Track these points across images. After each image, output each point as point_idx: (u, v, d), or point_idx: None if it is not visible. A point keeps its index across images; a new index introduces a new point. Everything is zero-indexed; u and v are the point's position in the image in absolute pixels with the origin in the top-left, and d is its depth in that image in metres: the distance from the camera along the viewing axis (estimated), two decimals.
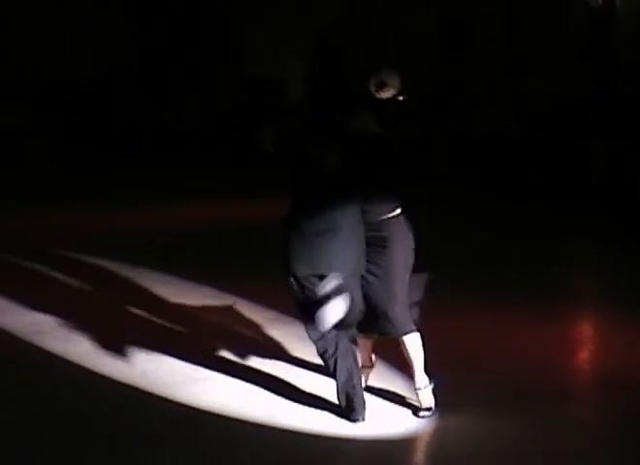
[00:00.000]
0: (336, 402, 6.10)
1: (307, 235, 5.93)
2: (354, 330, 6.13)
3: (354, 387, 6.04)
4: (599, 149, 14.99)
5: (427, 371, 6.18)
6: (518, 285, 9.38)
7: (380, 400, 6.36)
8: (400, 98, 6.73)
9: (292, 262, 5.98)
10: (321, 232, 5.92)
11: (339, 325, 5.93)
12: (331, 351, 6.03)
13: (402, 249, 6.11)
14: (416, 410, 6.18)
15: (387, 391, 6.50)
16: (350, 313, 5.94)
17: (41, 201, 13.64)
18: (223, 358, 7.15)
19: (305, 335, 6.11)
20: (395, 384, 6.63)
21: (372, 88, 6.64)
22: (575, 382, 6.98)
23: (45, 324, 7.93)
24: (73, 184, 15.53)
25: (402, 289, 6.08)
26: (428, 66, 16.95)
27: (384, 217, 6.12)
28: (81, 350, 7.35)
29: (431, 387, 6.18)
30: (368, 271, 6.08)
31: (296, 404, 6.31)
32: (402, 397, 6.40)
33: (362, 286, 6.08)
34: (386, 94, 6.81)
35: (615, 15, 15.72)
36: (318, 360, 6.29)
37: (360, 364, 6.23)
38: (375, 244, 6.08)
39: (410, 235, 6.17)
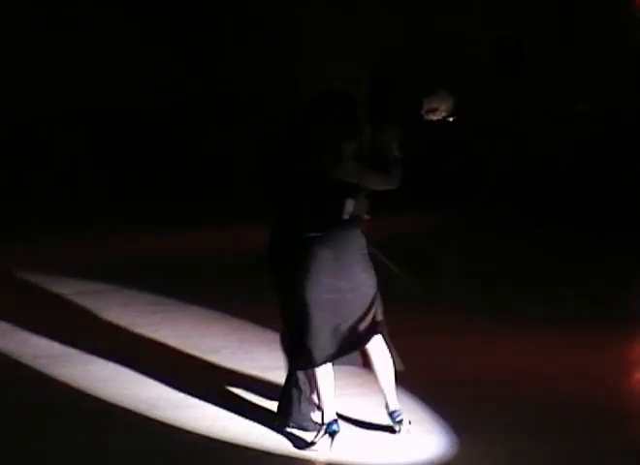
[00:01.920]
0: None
1: None
2: None
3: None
4: None
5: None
6: (563, 307, 9.28)
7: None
8: (451, 119, 6.71)
9: None
10: None
11: None
12: None
13: None
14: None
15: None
16: None
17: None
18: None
19: None
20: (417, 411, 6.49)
21: (424, 111, 6.64)
22: (624, 405, 6.83)
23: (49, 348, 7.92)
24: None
25: None
26: (480, 88, 16.90)
27: None
28: (75, 373, 7.30)
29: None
30: None
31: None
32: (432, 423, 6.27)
33: None
34: (437, 116, 6.80)
35: None
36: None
37: None
38: None
39: None
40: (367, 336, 5.92)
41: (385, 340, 6.03)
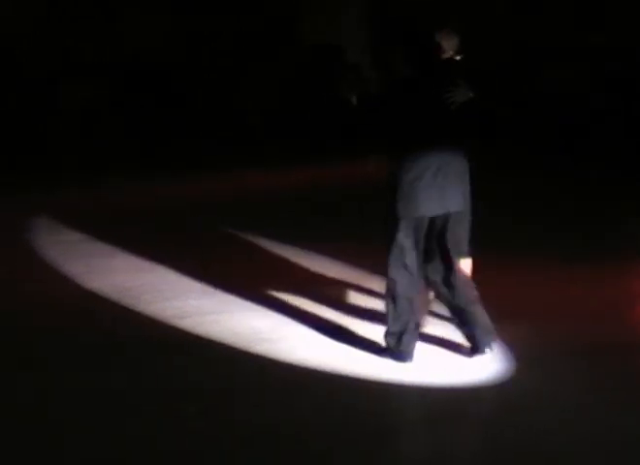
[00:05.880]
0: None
1: (431, 175, 6.01)
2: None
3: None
4: None
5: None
6: (593, 241, 9.32)
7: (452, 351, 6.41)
8: (457, 58, 6.61)
9: (420, 203, 6.01)
10: (442, 171, 6.03)
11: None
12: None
13: None
14: None
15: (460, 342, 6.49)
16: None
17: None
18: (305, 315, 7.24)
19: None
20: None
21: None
22: None
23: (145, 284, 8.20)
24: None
25: None
26: (496, 24, 16.66)
27: None
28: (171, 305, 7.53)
29: None
30: None
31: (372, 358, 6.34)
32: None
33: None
34: (445, 55, 6.75)
35: None
36: None
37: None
38: None
39: None
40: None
41: None
